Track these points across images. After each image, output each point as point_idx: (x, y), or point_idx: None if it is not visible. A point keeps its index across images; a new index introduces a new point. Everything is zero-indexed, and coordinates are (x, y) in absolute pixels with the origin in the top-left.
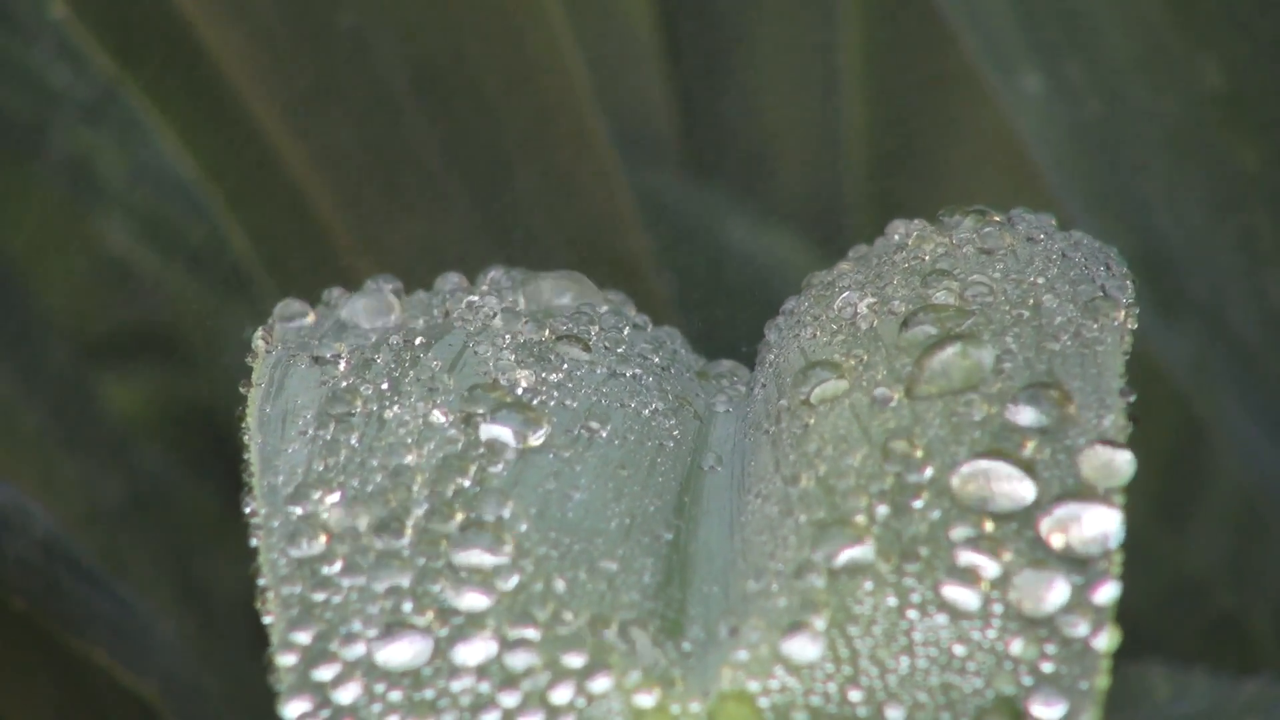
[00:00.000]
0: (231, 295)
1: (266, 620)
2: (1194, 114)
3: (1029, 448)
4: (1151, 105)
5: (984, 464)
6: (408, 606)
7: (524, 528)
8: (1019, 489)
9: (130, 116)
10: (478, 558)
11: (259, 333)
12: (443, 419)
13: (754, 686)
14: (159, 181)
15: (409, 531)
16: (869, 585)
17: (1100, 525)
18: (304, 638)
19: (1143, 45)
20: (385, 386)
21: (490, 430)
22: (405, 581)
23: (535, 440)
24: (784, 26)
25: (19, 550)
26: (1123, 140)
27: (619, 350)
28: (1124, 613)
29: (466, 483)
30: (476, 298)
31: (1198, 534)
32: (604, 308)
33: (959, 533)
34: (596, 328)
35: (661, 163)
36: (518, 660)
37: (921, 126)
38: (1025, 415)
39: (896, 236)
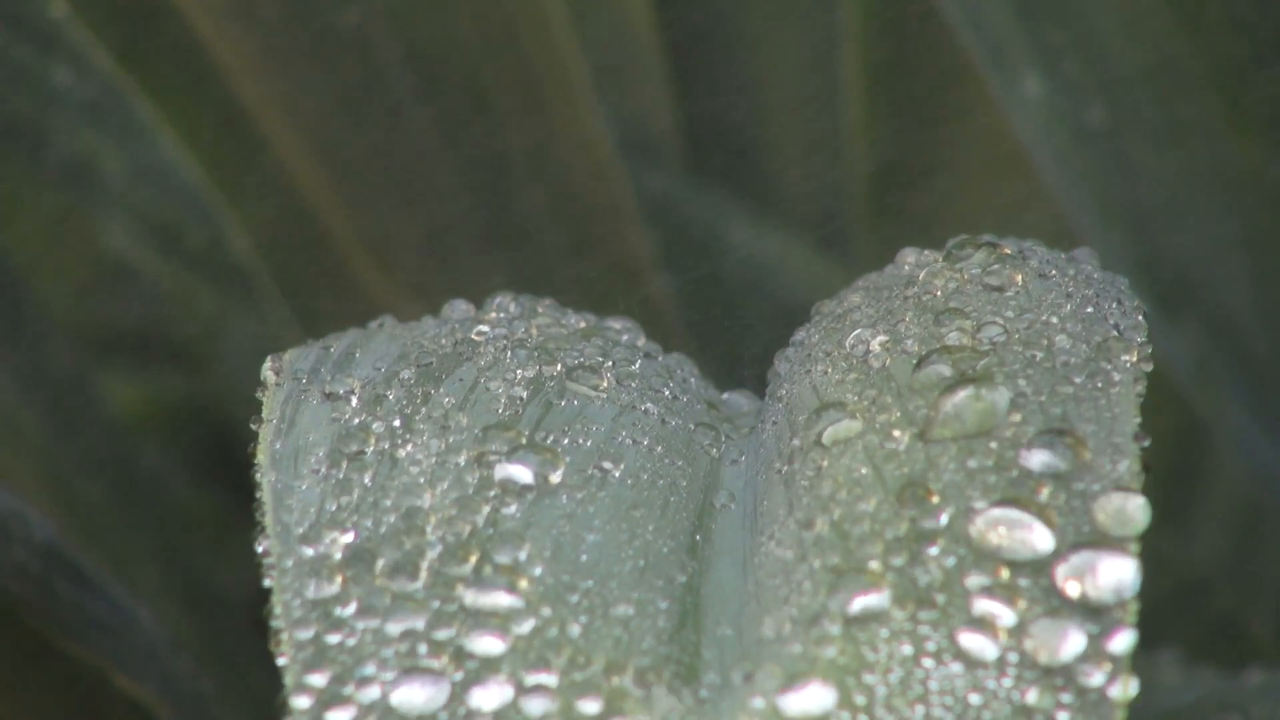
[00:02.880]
0: (231, 295)
1: (280, 662)
2: (1195, 115)
3: (1044, 494)
4: (1152, 106)
5: (1000, 511)
6: (423, 649)
7: (539, 571)
8: (1035, 537)
9: (130, 116)
10: (493, 601)
11: (268, 363)
12: (458, 460)
13: None
14: (159, 181)
15: (423, 574)
16: (884, 633)
17: (1116, 574)
18: (318, 680)
19: (1143, 46)
20: (397, 424)
21: (506, 470)
22: (420, 624)
23: (554, 479)
24: (784, 26)
25: (17, 556)
26: (1124, 141)
27: (631, 385)
28: None
29: (481, 524)
30: (487, 328)
31: (1198, 534)
32: (615, 337)
33: (974, 581)
34: (609, 362)
35: (661, 163)
36: (534, 706)
37: (922, 128)
38: (1040, 460)
39: (906, 268)
